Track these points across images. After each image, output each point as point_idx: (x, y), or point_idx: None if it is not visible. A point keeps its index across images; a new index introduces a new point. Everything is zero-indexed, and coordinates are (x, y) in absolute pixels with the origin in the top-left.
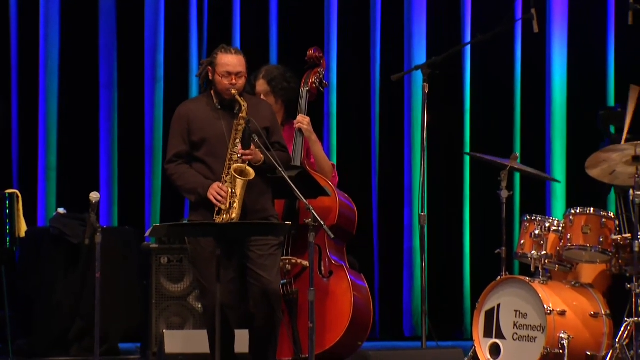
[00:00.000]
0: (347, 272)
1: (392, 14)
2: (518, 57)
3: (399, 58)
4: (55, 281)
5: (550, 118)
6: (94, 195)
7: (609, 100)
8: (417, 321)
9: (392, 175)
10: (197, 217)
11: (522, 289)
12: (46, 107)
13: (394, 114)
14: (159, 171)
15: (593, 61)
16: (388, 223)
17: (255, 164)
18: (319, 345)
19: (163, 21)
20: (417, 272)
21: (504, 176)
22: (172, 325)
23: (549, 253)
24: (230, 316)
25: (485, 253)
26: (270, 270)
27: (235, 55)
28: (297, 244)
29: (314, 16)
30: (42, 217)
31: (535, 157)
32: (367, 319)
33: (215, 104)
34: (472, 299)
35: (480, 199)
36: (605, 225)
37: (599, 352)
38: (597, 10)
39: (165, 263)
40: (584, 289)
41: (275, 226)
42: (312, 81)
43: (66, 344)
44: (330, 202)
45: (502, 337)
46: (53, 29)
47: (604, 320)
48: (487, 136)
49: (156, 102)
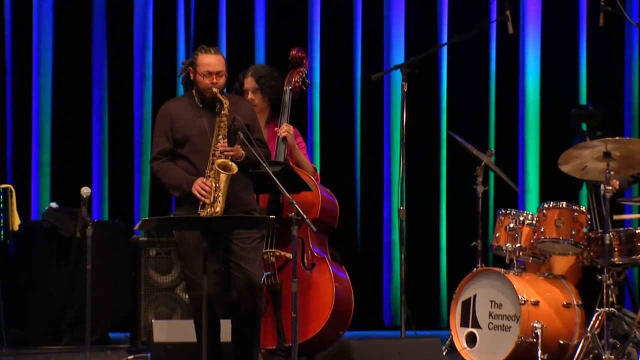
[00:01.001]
0: (328, 264)
1: (372, 16)
2: (493, 57)
3: (378, 58)
4: (47, 273)
5: (523, 116)
6: (85, 190)
7: (581, 99)
8: (396, 311)
9: (372, 171)
10: (182, 212)
11: (497, 280)
12: (39, 105)
13: (374, 111)
14: (147, 167)
15: (565, 61)
16: (368, 217)
17: (237, 159)
18: (301, 334)
19: (151, 23)
20: (397, 264)
21: (479, 172)
22: (160, 316)
23: (523, 246)
24: (215, 306)
25: (462, 246)
26: (252, 263)
27: (215, 55)
28: (280, 237)
29: (297, 18)
30: (35, 211)
31: (509, 154)
32: (348, 309)
33: (197, 103)
34: (448, 290)
35: (457, 194)
36: (577, 219)
37: (571, 341)
38: (570, 12)
39: (153, 255)
40: (557, 280)
41: (259, 220)
42: (295, 80)
43: (58, 334)
44: (312, 197)
45: (478, 327)
46: (46, 30)
47: (576, 310)
48: (463, 133)
49: (145, 100)
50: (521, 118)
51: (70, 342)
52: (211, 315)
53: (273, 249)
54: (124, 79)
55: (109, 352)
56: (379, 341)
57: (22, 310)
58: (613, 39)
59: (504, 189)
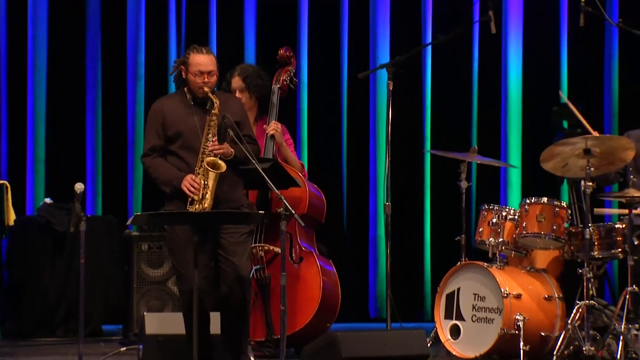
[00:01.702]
0: (316, 258)
1: (358, 16)
2: (476, 57)
3: (364, 57)
4: (42, 267)
5: (506, 113)
6: (78, 186)
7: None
8: (381, 304)
9: (359, 167)
10: (172, 207)
11: (480, 274)
12: (34, 103)
13: (360, 109)
14: (140, 164)
15: (547, 60)
16: (355, 212)
17: (226, 157)
18: (290, 326)
19: (144, 23)
20: (382, 258)
21: (463, 168)
22: (152, 308)
23: (506, 240)
24: (205, 299)
25: (446, 240)
26: (240, 257)
27: (207, 55)
28: (269, 231)
29: (286, 18)
30: (30, 206)
31: (492, 151)
32: (335, 302)
33: (189, 101)
34: (433, 283)
35: (441, 190)
36: (559, 214)
37: (552, 332)
38: (551, 13)
39: (145, 250)
40: (539, 274)
41: (249, 215)
42: (283, 79)
43: (53, 326)
44: (300, 193)
45: (462, 319)
46: (41, 30)
47: (557, 303)
48: (447, 130)
49: (137, 98)
50: (503, 116)
51: (64, 334)
52: (201, 308)
53: (262, 244)
54: (117, 77)
55: (102, 344)
56: (365, 333)
57: (17, 303)
58: (593, 38)
59: (487, 185)
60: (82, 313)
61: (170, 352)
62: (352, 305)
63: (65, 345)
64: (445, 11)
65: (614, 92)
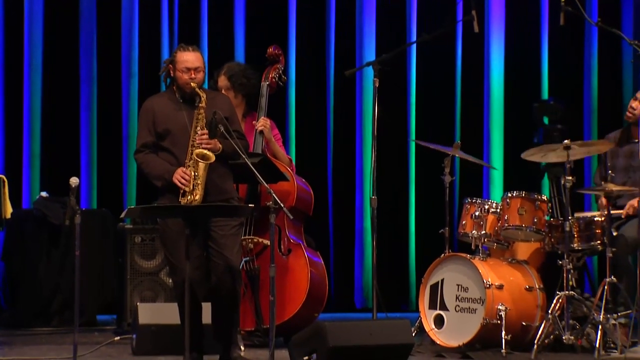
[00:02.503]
0: (304, 250)
1: (345, 15)
2: (459, 55)
3: (351, 55)
4: (38, 259)
5: (488, 110)
6: (73, 180)
7: (543, 94)
8: (367, 294)
9: (345, 162)
10: (165, 201)
11: (463, 265)
12: (30, 99)
13: (347, 106)
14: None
15: (528, 58)
16: (341, 205)
17: (214, 152)
18: (279, 316)
19: (137, 22)
20: (368, 250)
21: (447, 163)
22: (145, 299)
23: (488, 232)
24: (197, 290)
25: (430, 233)
26: (231, 249)
27: (193, 52)
28: (259, 224)
29: (274, 17)
30: (26, 200)
31: (475, 146)
32: (323, 293)
33: (178, 98)
34: (417, 275)
35: (425, 184)
36: (539, 207)
37: (533, 322)
38: (532, 12)
39: (138, 242)
40: (520, 265)
41: (239, 208)
42: (272, 76)
43: (48, 316)
44: (289, 186)
45: (446, 309)
46: (37, 28)
47: (538, 293)
48: (431, 126)
49: (131, 95)
50: (486, 112)
51: (59, 324)
52: (193, 298)
53: (252, 236)
54: (112, 75)
55: (97, 334)
56: (351, 323)
57: (14, 294)
58: (573, 37)
59: (470, 179)
60: (77, 303)
61: (162, 341)
62: (339, 296)
63: (60, 335)
64: (430, 10)
65: (593, 90)
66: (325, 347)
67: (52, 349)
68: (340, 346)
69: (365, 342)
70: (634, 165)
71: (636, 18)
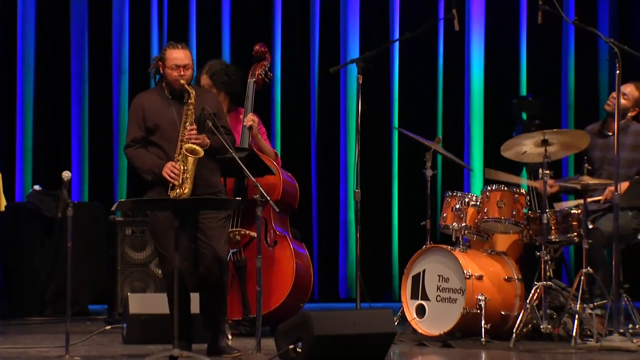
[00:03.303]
0: (290, 242)
1: (329, 14)
2: (440, 52)
3: (335, 53)
4: (31, 250)
5: (469, 105)
6: (65, 174)
7: (522, 90)
8: (351, 285)
9: (330, 156)
10: (154, 194)
11: (444, 257)
12: (23, 95)
13: (331, 102)
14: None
15: (507, 55)
16: (326, 198)
17: (202, 147)
18: (265, 306)
19: (128, 20)
20: (352, 241)
21: (428, 157)
22: (135, 289)
23: (468, 225)
24: (186, 280)
25: (412, 225)
26: (219, 240)
27: (182, 50)
28: (245, 217)
29: (261, 15)
30: (19, 193)
31: (456, 140)
32: (308, 283)
33: (167, 94)
34: (400, 266)
35: (407, 178)
36: (518, 200)
37: (512, 312)
38: (511, 11)
39: (129, 234)
40: (499, 256)
41: (226, 201)
42: (259, 73)
43: (42, 306)
44: (275, 180)
45: (427, 299)
46: (29, 26)
47: (517, 284)
48: (413, 122)
49: (122, 91)
50: (467, 108)
51: (52, 313)
52: (182, 288)
53: (239, 228)
54: (103, 71)
55: (88, 323)
56: (336, 312)
57: (8, 285)
58: (551, 35)
59: (451, 173)
60: (69, 294)
61: (152, 330)
62: (324, 286)
63: (53, 324)
64: (412, 9)
65: (570, 87)
66: (310, 336)
67: (46, 337)
68: (324, 335)
69: (349, 331)
70: (609, 157)
71: (612, 16)
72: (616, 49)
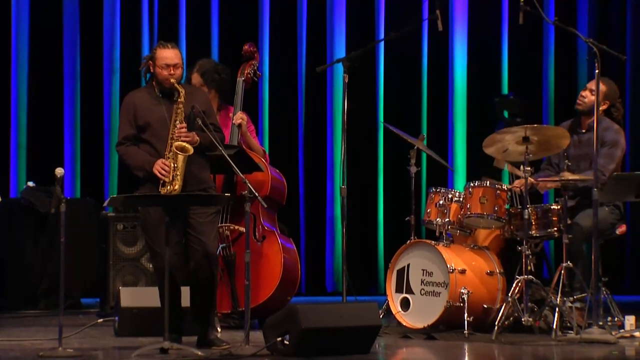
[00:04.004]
0: (277, 237)
1: (316, 14)
2: (425, 52)
3: (322, 52)
4: (25, 245)
5: (452, 104)
6: (59, 170)
7: (503, 89)
8: (338, 279)
9: (317, 153)
10: (145, 190)
11: (428, 251)
12: (17, 95)
13: (318, 100)
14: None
15: (489, 55)
16: (313, 194)
17: (192, 144)
18: (254, 299)
19: (119, 21)
20: (338, 236)
21: (412, 154)
22: (127, 283)
23: (452, 220)
24: (176, 274)
25: (397, 220)
26: (208, 235)
27: (172, 49)
28: (234, 212)
29: (249, 16)
30: (14, 189)
31: (440, 138)
32: (295, 277)
33: (157, 93)
34: (385, 260)
35: (392, 174)
36: (500, 196)
37: (494, 305)
38: (493, 11)
39: (120, 229)
40: (481, 251)
41: (215, 197)
42: (247, 72)
43: (35, 300)
44: (263, 177)
45: (411, 292)
46: (23, 27)
47: (498, 277)
48: (398, 120)
49: (113, 90)
50: (450, 106)
51: (46, 307)
52: (172, 282)
53: (228, 224)
54: (94, 71)
55: (81, 316)
56: (322, 305)
57: (2, 279)
58: (532, 35)
59: (435, 170)
60: (62, 287)
61: (143, 323)
62: (311, 280)
63: (47, 317)
64: (397, 10)
65: (550, 85)
66: (297, 328)
67: (39, 330)
68: (311, 328)
69: (335, 324)
70: (581, 154)
71: (591, 17)
72: (595, 49)
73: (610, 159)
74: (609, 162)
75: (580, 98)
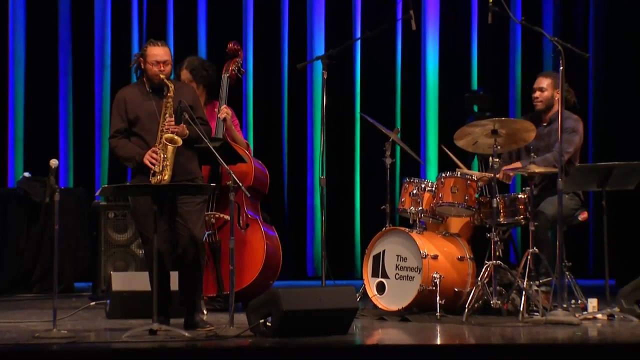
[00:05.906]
0: (260, 225)
1: (297, 13)
2: (399, 50)
3: (302, 50)
4: (20, 232)
5: (425, 99)
6: (53, 161)
7: (473, 84)
8: (317, 264)
9: (298, 146)
10: (136, 181)
11: (402, 238)
12: (14, 90)
13: (298, 95)
14: (107, 143)
15: (460, 53)
16: (295, 184)
17: (181, 137)
18: (238, 284)
19: (110, 19)
20: (318, 224)
21: (388, 146)
22: (117, 268)
23: (424, 209)
24: (165, 260)
25: (373, 209)
26: (195, 223)
27: (162, 47)
28: (220, 201)
29: (233, 15)
30: (11, 179)
31: (413, 131)
32: (277, 263)
33: (147, 89)
34: (362, 246)
35: (369, 165)
36: (470, 186)
37: (464, 288)
38: (463, 12)
39: (111, 217)
40: (453, 238)
41: (202, 187)
42: (232, 69)
43: (29, 284)
44: (247, 168)
45: (387, 277)
46: (19, 26)
47: (469, 263)
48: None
49: (104, 86)
50: (423, 101)
51: (40, 291)
52: (161, 267)
53: (213, 212)
54: (86, 67)
55: (74, 299)
56: (303, 289)
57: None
58: (500, 34)
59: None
60: (55, 272)
61: (133, 306)
62: (292, 265)
63: (41, 301)
64: (373, 10)
65: (517, 81)
66: (279, 311)
67: (34, 313)
68: (292, 310)
69: (315, 307)
70: (543, 145)
71: (555, 17)
72: (560, 47)
73: (569, 143)
74: (567, 146)
75: (535, 100)
